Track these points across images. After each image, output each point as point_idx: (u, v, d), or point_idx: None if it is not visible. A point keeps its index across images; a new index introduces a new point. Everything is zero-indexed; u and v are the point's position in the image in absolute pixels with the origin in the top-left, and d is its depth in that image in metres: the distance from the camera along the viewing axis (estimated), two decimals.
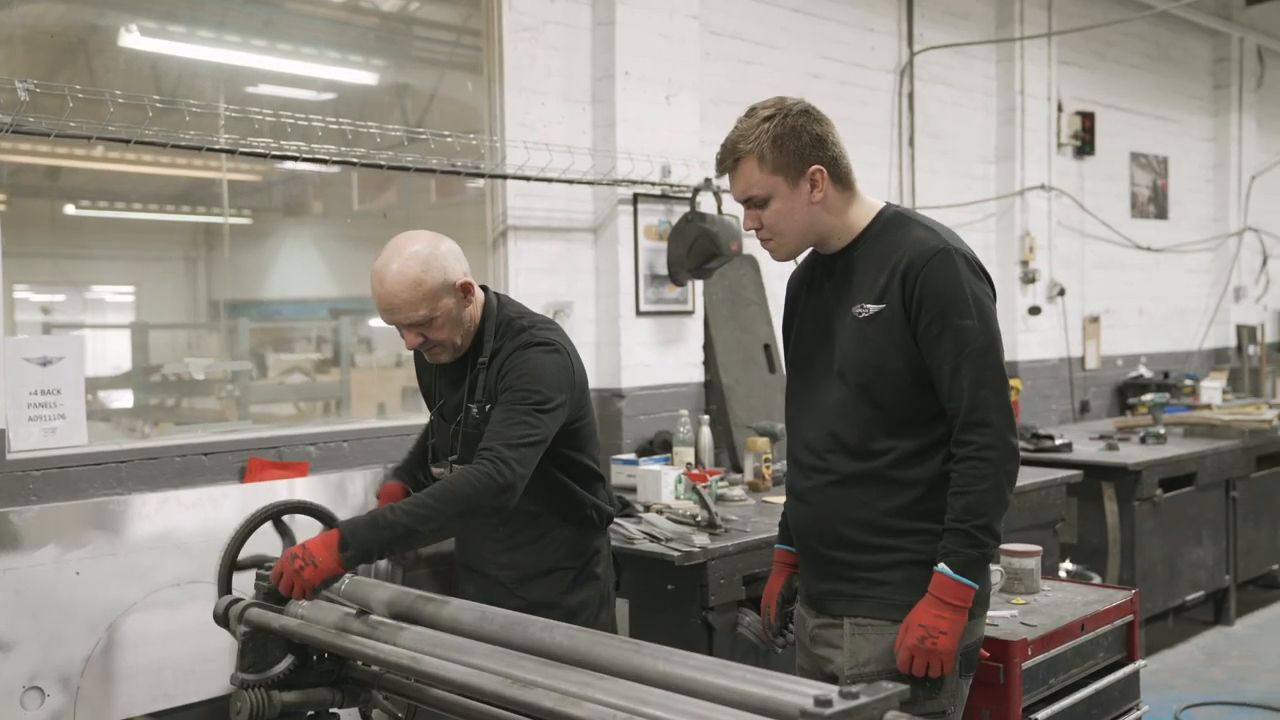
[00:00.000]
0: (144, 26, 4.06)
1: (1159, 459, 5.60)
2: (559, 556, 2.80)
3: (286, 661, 2.40)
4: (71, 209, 4.47)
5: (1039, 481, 4.74)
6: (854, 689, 1.62)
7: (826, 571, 2.42)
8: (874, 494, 2.33)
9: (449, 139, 4.20)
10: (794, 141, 2.31)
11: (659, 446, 4.74)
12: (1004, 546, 3.24)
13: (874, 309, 2.30)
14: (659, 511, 3.91)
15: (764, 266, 5.39)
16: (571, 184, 4.56)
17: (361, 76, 4.69)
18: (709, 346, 5.13)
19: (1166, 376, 8.00)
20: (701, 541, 3.51)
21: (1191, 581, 5.86)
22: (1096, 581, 5.17)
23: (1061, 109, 7.35)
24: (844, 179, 2.38)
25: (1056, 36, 7.15)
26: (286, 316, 5.63)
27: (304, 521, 2.66)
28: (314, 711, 2.47)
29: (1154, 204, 8.49)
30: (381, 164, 3.96)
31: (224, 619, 2.46)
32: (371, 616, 2.30)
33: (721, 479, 4.30)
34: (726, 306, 5.23)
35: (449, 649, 2.11)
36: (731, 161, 2.37)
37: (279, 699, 2.38)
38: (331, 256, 5.34)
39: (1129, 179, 8.24)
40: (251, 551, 2.58)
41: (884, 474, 2.32)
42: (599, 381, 4.74)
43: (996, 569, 3.11)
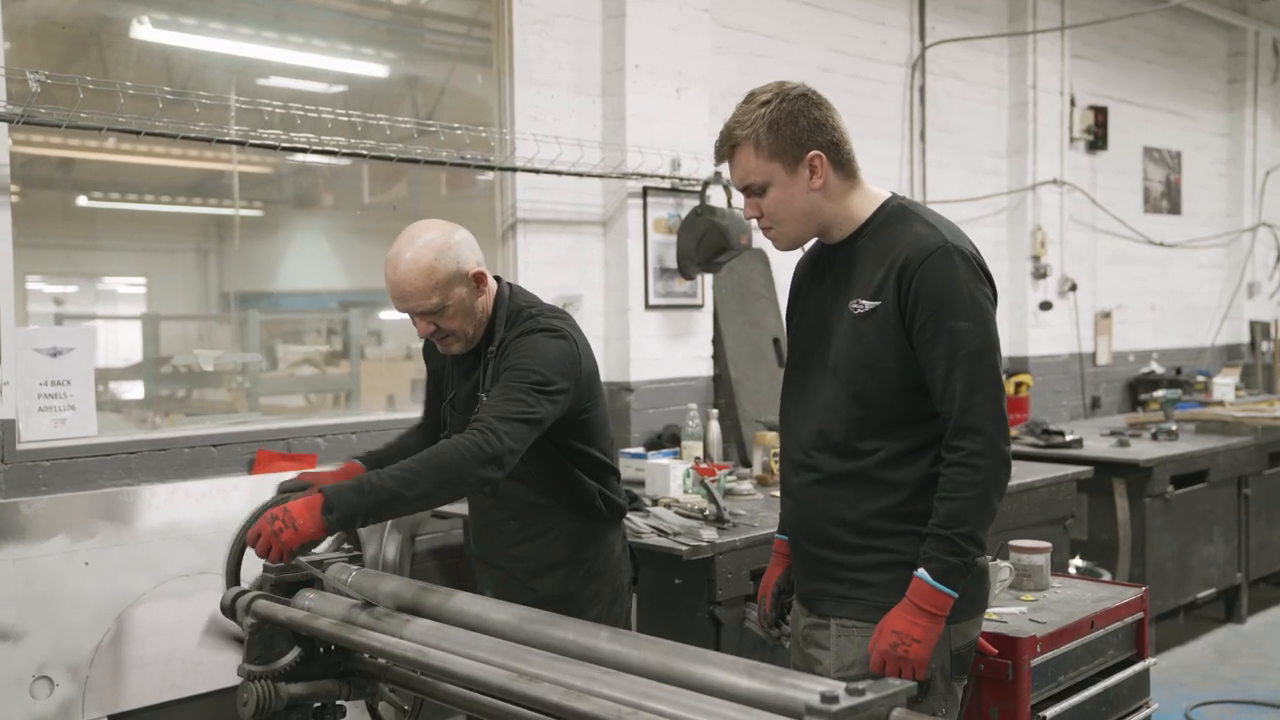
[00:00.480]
0: (156, 18, 4.06)
1: (1171, 455, 5.57)
2: (569, 549, 2.78)
3: (293, 653, 2.40)
4: (84, 200, 4.47)
5: (1049, 478, 4.72)
6: (861, 685, 1.61)
7: (815, 570, 2.37)
8: (860, 494, 2.27)
9: (458, 131, 4.20)
10: (791, 126, 2.23)
11: (667, 440, 4.74)
12: (1013, 543, 3.23)
13: (869, 305, 2.23)
14: (667, 505, 3.90)
15: (773, 260, 5.38)
16: (581, 177, 4.55)
17: (372, 69, 4.68)
18: (718, 340, 5.12)
19: (1179, 372, 7.97)
20: (709, 536, 3.50)
21: (1203, 579, 5.83)
22: (1106, 578, 5.15)
23: (1074, 103, 7.32)
24: (846, 165, 2.30)
25: (1069, 30, 7.11)
26: (297, 308, 5.63)
27: None
28: (320, 704, 2.48)
29: (1167, 199, 8.45)
30: (391, 156, 3.96)
31: (231, 610, 2.46)
32: (377, 609, 2.30)
33: (730, 473, 4.30)
34: (736, 300, 5.22)
35: (455, 642, 2.10)
36: (729, 148, 2.30)
37: (285, 691, 2.38)
38: (342, 249, 5.34)
39: (1142, 174, 8.20)
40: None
41: (870, 474, 2.26)
42: (607, 375, 4.73)
43: (1005, 565, 3.10)
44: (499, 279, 2.82)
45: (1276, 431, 6.18)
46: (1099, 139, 7.53)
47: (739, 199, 2.56)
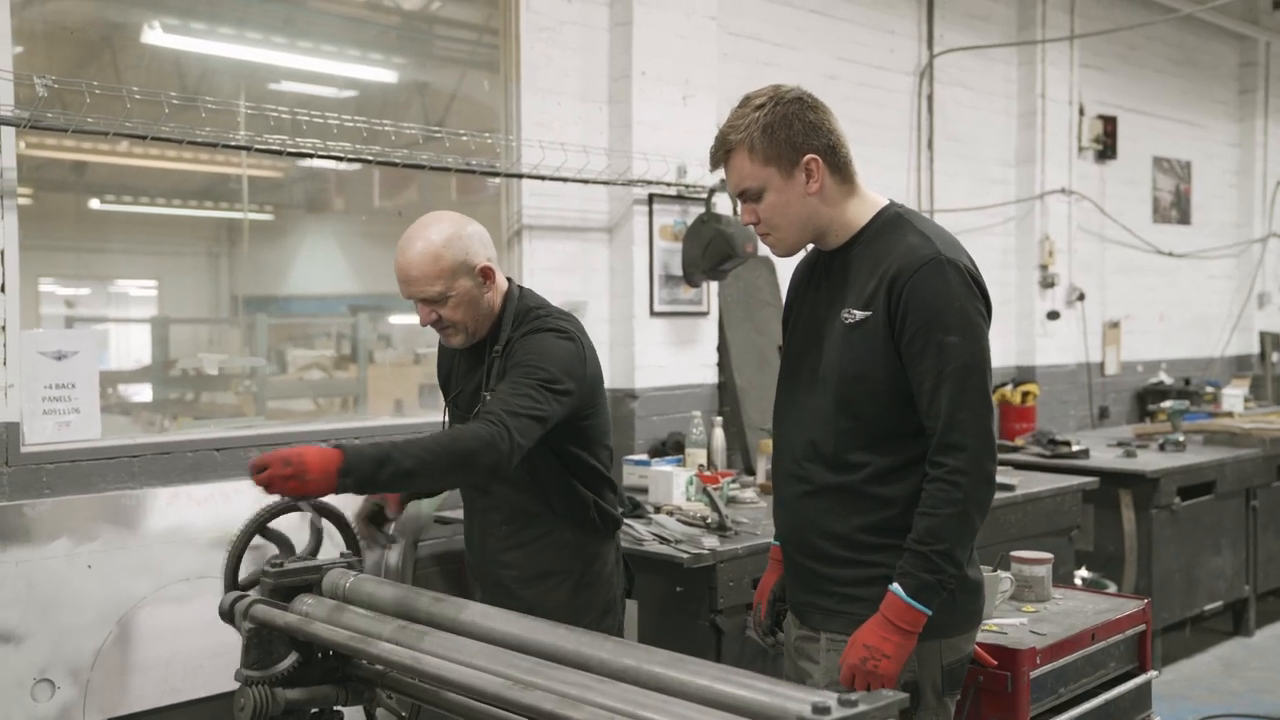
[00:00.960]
0: (167, 23, 4.08)
1: (1177, 467, 5.55)
2: (560, 560, 2.75)
3: (290, 659, 2.40)
4: (96, 203, 4.50)
5: (1054, 488, 4.71)
6: (853, 696, 1.61)
7: (806, 583, 2.35)
8: (849, 508, 2.24)
9: (464, 138, 4.20)
10: (785, 130, 2.20)
11: (671, 448, 4.73)
12: (1014, 554, 3.22)
13: (860, 315, 2.20)
14: (669, 513, 3.90)
15: (779, 268, 5.38)
16: (586, 184, 4.55)
17: (380, 74, 4.70)
18: (723, 348, 5.12)
19: (1188, 383, 7.93)
20: (711, 544, 3.50)
21: (1210, 591, 5.81)
22: (1112, 590, 5.13)
23: (1083, 113, 7.30)
24: (843, 169, 2.27)
25: (1079, 40, 7.10)
26: (307, 312, 5.65)
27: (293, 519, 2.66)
28: (318, 709, 2.48)
29: (1176, 209, 8.42)
30: (396, 162, 3.97)
31: (229, 615, 2.46)
32: (374, 614, 2.29)
33: (733, 481, 4.30)
34: (741, 308, 5.21)
35: (450, 649, 2.10)
36: (723, 153, 2.28)
37: (283, 696, 2.38)
38: (352, 253, 5.36)
39: (1151, 183, 8.17)
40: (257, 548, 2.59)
41: (859, 489, 2.23)
42: (612, 381, 4.73)
43: (1006, 576, 3.09)
44: (510, 280, 2.82)
45: None
46: (1108, 148, 7.51)
47: None
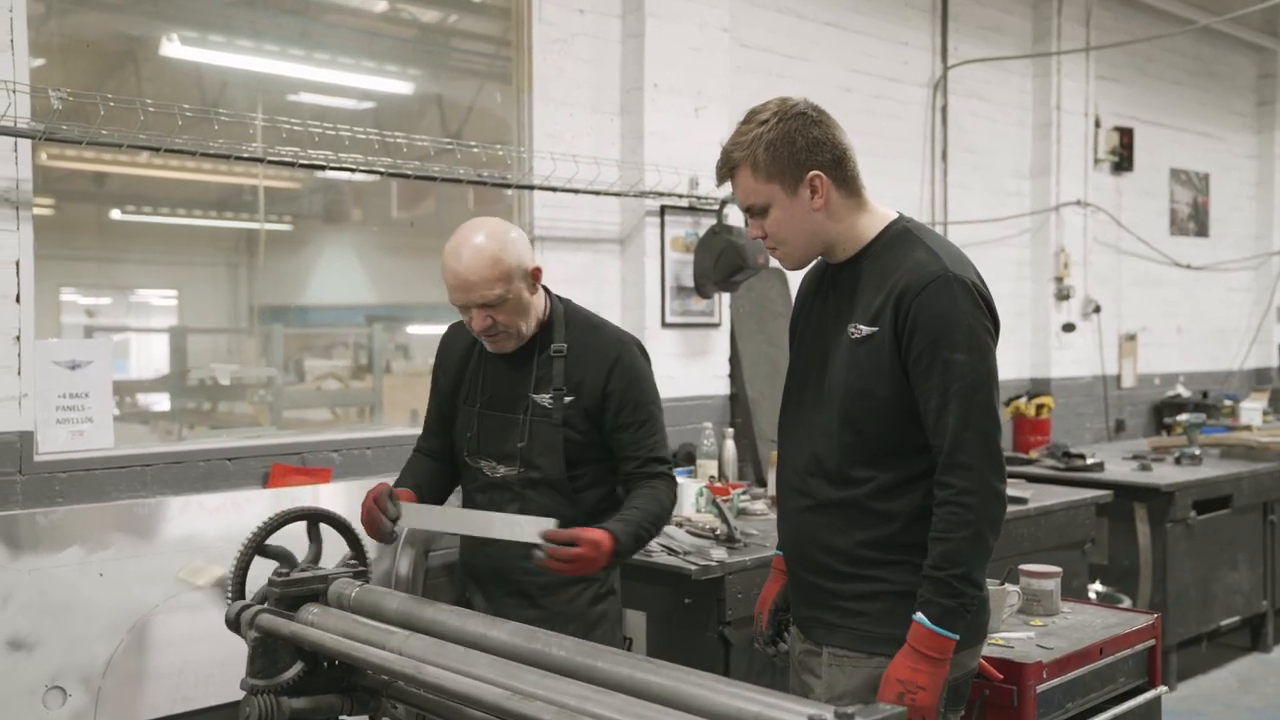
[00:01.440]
0: (185, 36, 4.12)
1: (1193, 480, 5.51)
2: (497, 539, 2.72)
3: (296, 668, 2.41)
4: (117, 214, 4.54)
5: (1067, 501, 4.68)
6: (849, 710, 1.60)
7: (809, 597, 2.35)
8: (851, 523, 2.23)
9: (475, 150, 4.23)
10: (788, 147, 2.18)
11: (683, 459, 4.73)
12: (1023, 567, 3.20)
13: (866, 331, 2.19)
14: (679, 524, 3.89)
15: (791, 280, 5.37)
16: (598, 195, 4.57)
17: (394, 86, 4.73)
18: (735, 359, 5.12)
19: (1205, 396, 7.89)
20: (719, 555, 3.49)
21: (1227, 606, 5.76)
22: (1126, 604, 5.09)
23: (1099, 124, 7.28)
24: (850, 183, 2.25)
25: (1094, 52, 7.08)
26: (325, 322, 5.67)
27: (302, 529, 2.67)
28: (323, 719, 2.49)
29: (1194, 221, 8.38)
30: (408, 174, 3.99)
31: (236, 624, 2.48)
32: (378, 624, 2.30)
33: (744, 493, 4.29)
34: (753, 319, 5.21)
35: (453, 659, 2.11)
36: (728, 170, 2.27)
37: (288, 705, 2.39)
38: (370, 263, 5.39)
39: (1168, 195, 8.14)
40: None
41: (862, 504, 2.22)
42: None
43: (1014, 590, 3.07)
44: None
45: None
46: (1124, 160, 7.49)
47: None
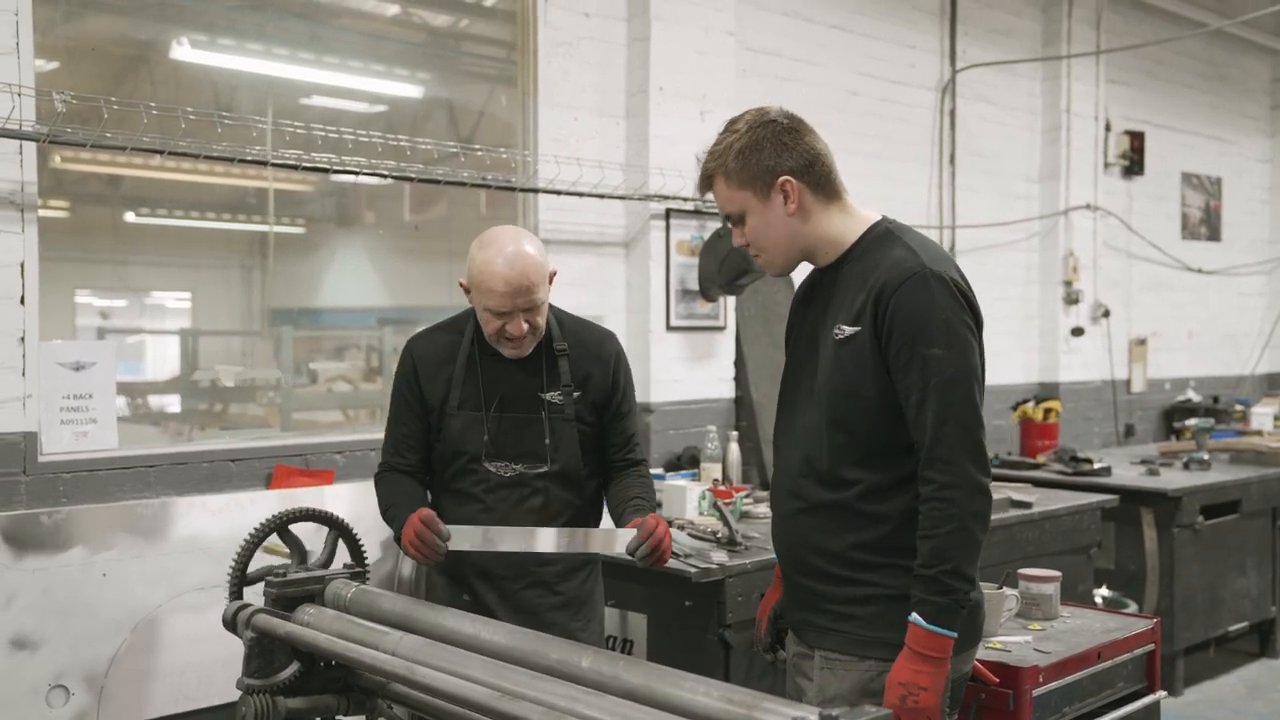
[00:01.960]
0: (195, 39, 4.15)
1: (1201, 485, 5.49)
2: (591, 552, 2.86)
3: (292, 668, 2.42)
4: (131, 216, 4.57)
5: (1073, 505, 4.67)
6: (834, 712, 1.60)
7: (801, 600, 2.35)
8: (843, 526, 2.23)
9: (480, 153, 4.24)
10: (757, 154, 2.21)
11: (687, 462, 4.74)
12: (1022, 571, 3.19)
13: (849, 331, 2.19)
14: (680, 527, 3.90)
15: (797, 283, 5.36)
16: (603, 198, 4.58)
17: (401, 90, 4.75)
18: (740, 363, 5.12)
19: (1216, 401, 7.85)
20: (719, 558, 3.49)
21: (1235, 612, 5.73)
22: (1132, 609, 5.08)
23: (1110, 128, 7.26)
24: (824, 187, 2.26)
25: (1105, 55, 7.06)
26: (337, 325, 5.69)
27: (309, 529, 2.68)
28: (319, 718, 2.50)
29: (1206, 225, 8.35)
30: (412, 177, 4.01)
31: (232, 624, 2.49)
32: (373, 625, 2.31)
33: (747, 496, 4.29)
34: (759, 323, 5.21)
35: (444, 660, 2.12)
36: (705, 181, 2.32)
37: (284, 705, 2.40)
38: (382, 266, 5.41)
39: (1180, 200, 8.11)
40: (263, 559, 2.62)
41: (853, 506, 2.22)
42: None
43: (1012, 594, 3.07)
44: None
45: None
46: (1135, 164, 7.45)
47: None
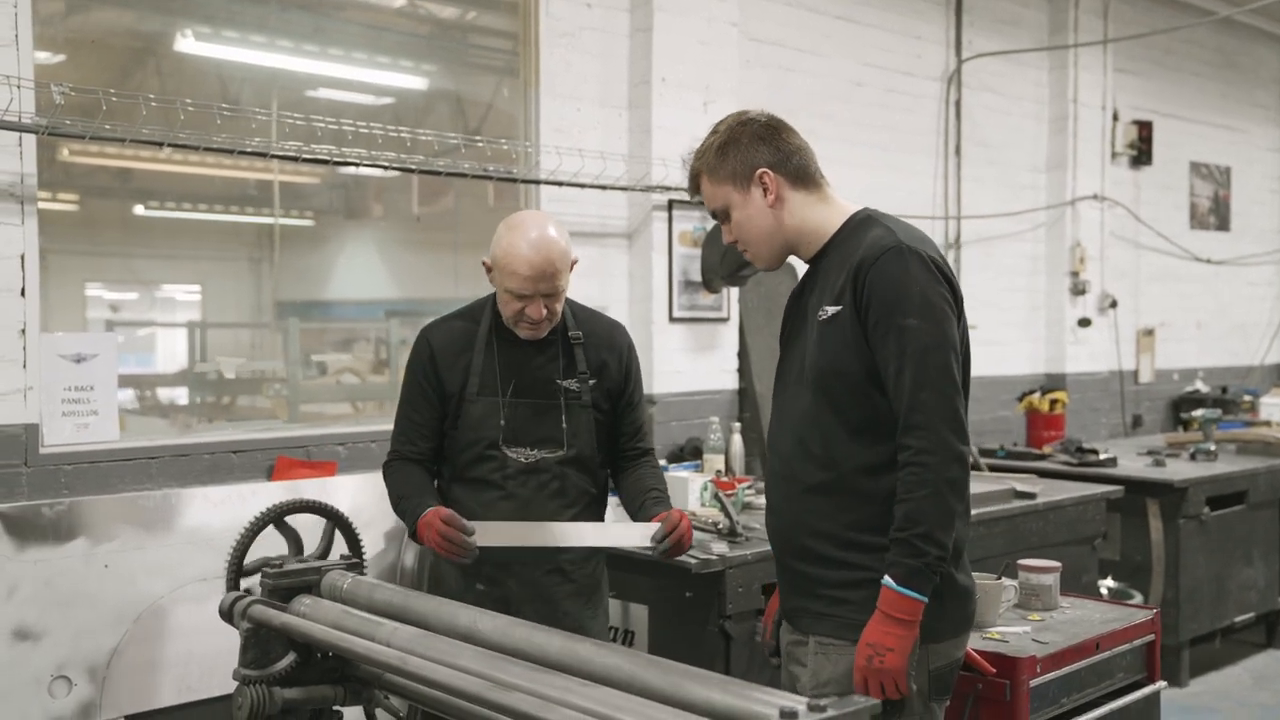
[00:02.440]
0: (199, 32, 4.15)
1: (1207, 476, 5.46)
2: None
3: (288, 658, 2.43)
4: (140, 209, 4.58)
5: (1076, 496, 4.65)
6: (822, 702, 1.60)
7: (796, 586, 2.37)
8: (837, 505, 2.27)
9: (480, 144, 4.23)
10: (735, 148, 2.33)
11: (689, 453, 4.73)
12: (1022, 562, 3.18)
13: (832, 310, 2.25)
14: None
15: (801, 275, 5.36)
16: (605, 189, 4.57)
17: (402, 81, 4.74)
18: (744, 354, 5.11)
19: (1225, 391, 7.82)
20: (720, 549, 3.49)
21: (1241, 603, 5.71)
22: (1137, 600, 5.06)
23: (1117, 118, 7.22)
24: (802, 179, 2.34)
25: (1113, 44, 7.02)
26: (346, 317, 5.70)
27: (312, 520, 2.69)
28: (317, 709, 2.50)
29: (1215, 215, 8.30)
30: (413, 168, 4.01)
31: (229, 615, 2.50)
32: (368, 616, 2.32)
33: (749, 487, 4.28)
34: (762, 314, 5.20)
35: (438, 651, 2.12)
36: (693, 183, 2.42)
37: (280, 695, 2.41)
38: (390, 258, 5.42)
39: (1188, 189, 8.07)
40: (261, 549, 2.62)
41: (847, 484, 2.25)
42: None
43: (1010, 584, 3.06)
44: None
45: None
46: (1143, 154, 7.41)
47: None
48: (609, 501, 3.04)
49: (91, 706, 3.39)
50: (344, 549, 2.69)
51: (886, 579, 2.14)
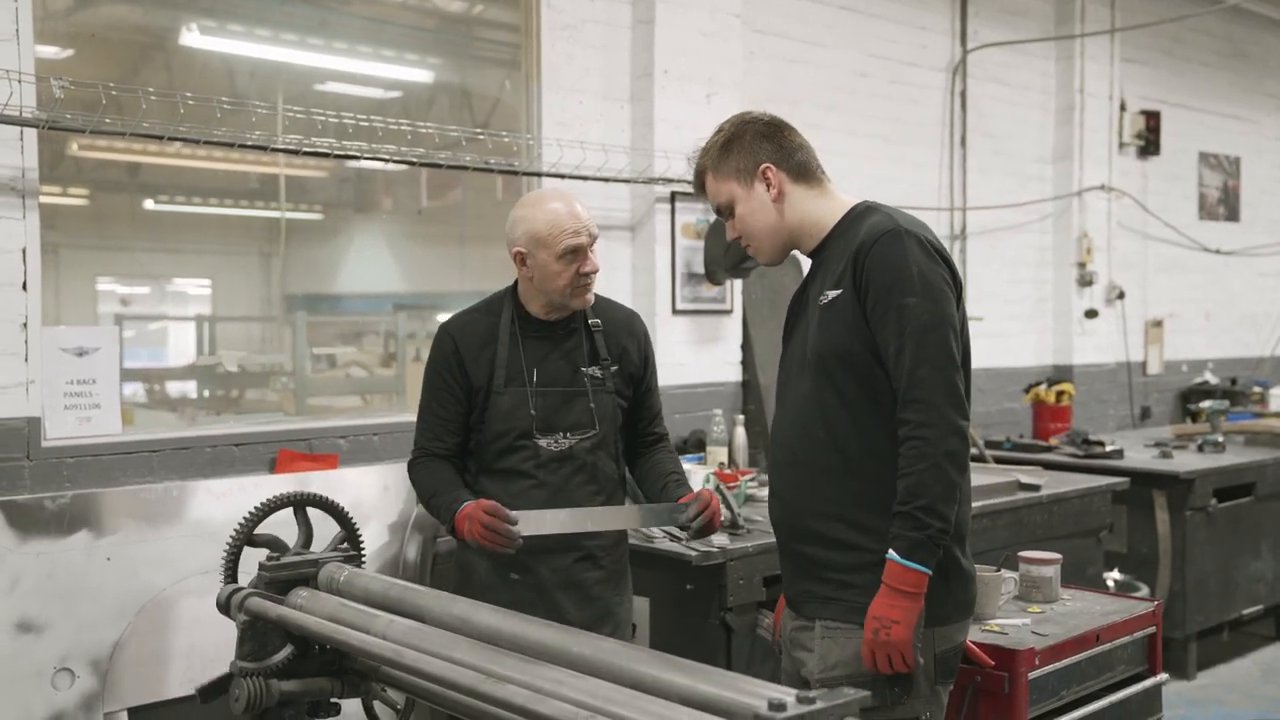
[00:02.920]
0: (204, 25, 4.16)
1: (1214, 468, 5.44)
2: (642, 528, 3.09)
3: (285, 651, 2.43)
4: (150, 204, 4.59)
5: (1081, 488, 4.63)
6: (811, 694, 1.60)
7: (801, 569, 2.40)
8: (842, 487, 2.31)
9: (482, 137, 4.23)
10: (739, 146, 2.41)
11: (693, 445, 4.73)
12: (1022, 554, 3.17)
13: (833, 294, 2.30)
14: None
15: (805, 268, 5.33)
16: (607, 182, 4.56)
17: (404, 74, 4.74)
18: (747, 346, 5.10)
19: (1234, 383, 7.77)
20: (720, 542, 3.49)
21: (1250, 595, 5.69)
22: (1144, 592, 5.04)
23: (1124, 108, 7.18)
24: (803, 174, 2.41)
25: (1120, 34, 6.98)
26: (355, 310, 5.71)
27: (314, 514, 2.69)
28: (314, 701, 2.51)
29: (1224, 205, 8.26)
30: (414, 161, 4.01)
31: (226, 607, 2.50)
32: (364, 608, 2.32)
33: (752, 479, 4.27)
34: (767, 306, 5.19)
35: (433, 643, 2.12)
36: (698, 180, 2.50)
37: (277, 687, 2.41)
38: (399, 252, 5.42)
39: (1197, 180, 8.02)
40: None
41: (852, 465, 2.30)
42: None
43: (1010, 576, 3.05)
44: None
45: None
46: (1151, 144, 7.37)
47: None
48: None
49: (94, 699, 3.40)
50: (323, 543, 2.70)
51: (890, 552, 2.18)
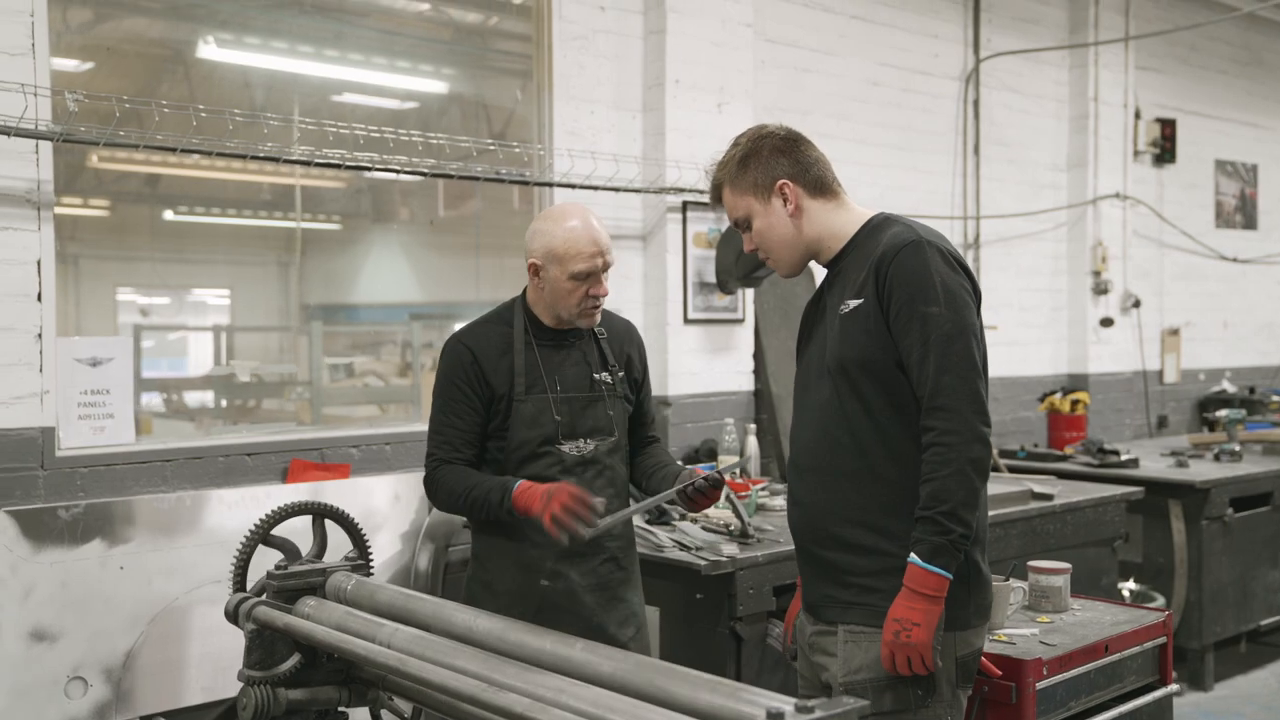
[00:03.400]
0: (221, 38, 4.19)
1: (1231, 477, 5.40)
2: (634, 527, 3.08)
3: (293, 659, 2.45)
4: (170, 215, 4.62)
5: (1095, 497, 4.61)
6: (810, 703, 1.60)
7: (823, 575, 2.41)
8: (865, 492, 2.33)
9: (492, 148, 4.25)
10: (756, 160, 2.43)
11: (705, 455, 4.73)
12: (1031, 563, 3.16)
13: (854, 304, 2.33)
14: (694, 520, 3.89)
15: (818, 276, 5.33)
16: (618, 192, 4.57)
17: (417, 85, 4.77)
18: (759, 355, 5.10)
19: (1252, 392, 7.72)
20: (730, 551, 3.49)
21: (1268, 605, 5.64)
22: (1159, 602, 5.01)
23: (1139, 116, 7.15)
24: (820, 188, 2.44)
25: (1134, 41, 6.96)
26: (372, 321, 5.73)
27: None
28: (322, 710, 2.52)
29: (1241, 213, 8.21)
30: (425, 172, 4.03)
31: (234, 616, 2.52)
32: (369, 617, 2.33)
33: (763, 489, 4.27)
34: (778, 315, 5.19)
35: (436, 651, 2.13)
36: (715, 194, 2.53)
37: (285, 696, 2.43)
38: (416, 262, 5.44)
39: (1213, 188, 7.98)
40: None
41: (874, 471, 2.32)
42: None
43: (1020, 586, 3.03)
44: None
45: None
46: (1166, 152, 7.34)
47: None
48: None
49: (107, 707, 3.42)
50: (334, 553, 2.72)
51: (912, 556, 2.21)
